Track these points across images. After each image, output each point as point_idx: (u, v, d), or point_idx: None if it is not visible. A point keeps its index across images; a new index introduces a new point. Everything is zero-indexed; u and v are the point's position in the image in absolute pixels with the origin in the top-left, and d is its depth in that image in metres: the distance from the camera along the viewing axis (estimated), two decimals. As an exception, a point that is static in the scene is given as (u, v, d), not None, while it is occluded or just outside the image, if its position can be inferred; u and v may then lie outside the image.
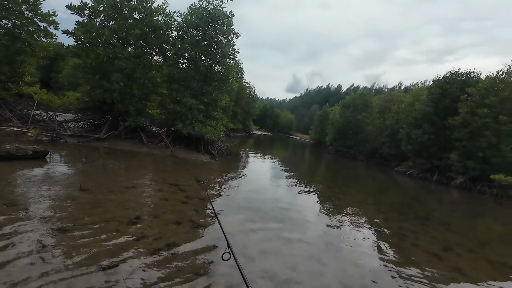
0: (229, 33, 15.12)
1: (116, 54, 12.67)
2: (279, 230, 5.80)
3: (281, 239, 5.36)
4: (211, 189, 8.22)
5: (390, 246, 5.95)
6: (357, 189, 13.81)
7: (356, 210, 8.71)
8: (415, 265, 5.12)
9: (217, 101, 15.09)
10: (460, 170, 20.73)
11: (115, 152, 11.30)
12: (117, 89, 12.68)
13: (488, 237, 8.11)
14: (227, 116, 29.82)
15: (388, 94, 38.34)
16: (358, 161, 33.12)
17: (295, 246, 5.15)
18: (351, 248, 5.46)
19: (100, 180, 7.20)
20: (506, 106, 19.25)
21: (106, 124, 13.33)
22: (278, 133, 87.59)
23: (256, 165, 15.56)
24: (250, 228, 5.63)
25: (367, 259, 5.07)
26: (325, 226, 6.65)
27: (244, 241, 5.03)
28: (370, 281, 4.27)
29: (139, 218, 5.21)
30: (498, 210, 13.84)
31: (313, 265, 4.53)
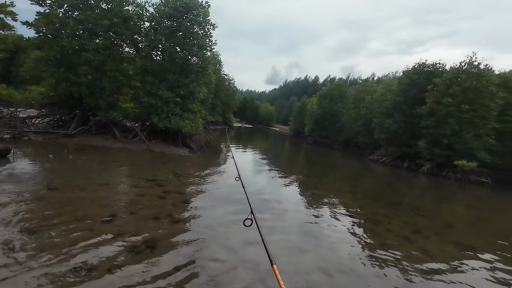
0: (206, 24, 14.72)
1: (83, 46, 11.90)
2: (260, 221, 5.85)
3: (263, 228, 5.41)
4: (190, 183, 8.09)
5: (365, 231, 6.25)
6: (334, 177, 14.28)
7: (333, 198, 9.02)
8: (388, 248, 5.42)
9: (195, 94, 14.77)
10: (427, 157, 22.07)
11: (86, 149, 10.74)
12: (85, 83, 11.95)
13: (453, 220, 8.76)
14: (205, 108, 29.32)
15: (362, 85, 39.64)
16: (335, 150, 34.16)
17: (276, 236, 5.24)
18: (329, 235, 5.66)
19: (70, 178, 6.83)
20: (468, 95, 20.63)
21: (75, 119, 12.57)
22: (258, 125, 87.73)
23: (237, 158, 15.53)
24: (231, 220, 5.64)
25: (345, 245, 5.29)
26: (304, 215, 6.82)
27: (226, 233, 5.04)
28: (347, 266, 4.46)
29: (114, 215, 5.03)
30: (461, 194, 14.98)
31: (294, 253, 4.65)
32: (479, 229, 8.01)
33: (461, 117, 20.45)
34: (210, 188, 7.83)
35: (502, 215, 10.99)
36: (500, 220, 10.00)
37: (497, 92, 20.75)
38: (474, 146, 20.30)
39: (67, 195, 5.63)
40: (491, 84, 20.74)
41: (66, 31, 12.14)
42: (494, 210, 11.74)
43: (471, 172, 20.08)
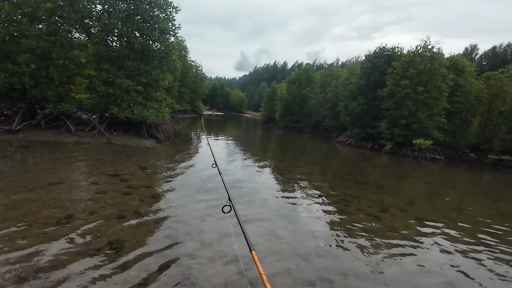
0: (167, 7, 13.69)
1: (23, 32, 10.38)
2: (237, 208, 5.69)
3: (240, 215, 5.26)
4: (159, 175, 7.62)
5: (338, 212, 6.41)
6: (305, 161, 14.56)
7: (306, 181, 9.15)
8: (360, 228, 5.61)
9: (159, 81, 13.87)
10: (388, 137, 23.54)
11: (35, 145, 9.59)
12: (27, 73, 10.53)
13: (414, 196, 9.39)
14: (172, 97, 27.96)
15: (328, 70, 40.69)
16: (305, 134, 35.02)
17: (253, 223, 5.13)
18: (304, 219, 5.69)
19: (15, 177, 6.01)
20: (422, 78, 22.12)
21: (19, 113, 11.13)
22: (230, 112, 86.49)
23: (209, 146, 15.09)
24: (205, 211, 5.39)
25: (320, 228, 5.35)
26: (279, 199, 6.80)
27: (200, 226, 4.80)
28: (324, 249, 4.50)
29: (70, 217, 4.51)
30: (419, 171, 16.21)
31: (271, 241, 4.57)
32: (436, 204, 8.68)
33: (417, 98, 21.93)
34: (181, 179, 7.45)
35: (454, 190, 12.08)
36: (453, 194, 11.00)
37: (447, 74, 22.47)
38: (428, 125, 22.03)
39: (11, 197, 4.94)
40: (442, 67, 22.40)
41: (1, 16, 10.50)
42: (447, 184, 12.89)
43: (427, 149, 21.86)
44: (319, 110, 36.48)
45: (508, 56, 51.20)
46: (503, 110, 24.20)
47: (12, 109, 11.98)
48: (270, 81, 66.83)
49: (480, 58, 56.09)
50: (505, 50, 53.71)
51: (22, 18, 10.67)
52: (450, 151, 24.40)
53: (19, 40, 10.48)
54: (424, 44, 23.20)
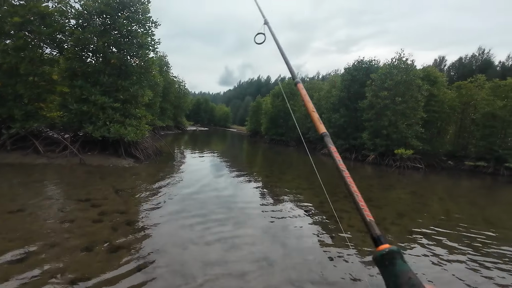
0: (146, 22, 13.40)
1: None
2: (222, 232, 5.24)
3: (225, 243, 4.81)
4: (136, 198, 7.02)
5: (329, 231, 6.07)
6: (292, 175, 14.29)
7: (295, 197, 8.82)
8: (354, 247, 5.29)
9: (138, 97, 13.33)
10: (371, 148, 23.91)
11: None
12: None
13: (402, 208, 9.24)
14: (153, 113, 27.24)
15: (310, 83, 41.66)
16: (290, 147, 35.02)
17: (241, 248, 4.68)
18: (296, 241, 5.30)
19: (-33, 210, 5.26)
20: (400, 89, 22.91)
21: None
22: (215, 126, 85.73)
23: (193, 163, 14.49)
24: (188, 237, 4.89)
25: (312, 250, 4.98)
26: (268, 219, 6.39)
27: (182, 255, 4.29)
28: (318, 274, 4.13)
29: (28, 252, 3.88)
30: (403, 181, 16.37)
31: (262, 267, 4.14)
32: (425, 215, 8.59)
33: (395, 108, 22.59)
34: (161, 202, 6.88)
35: (441, 199, 12.16)
36: (440, 204, 11.04)
37: (422, 85, 23.45)
38: (407, 135, 22.62)
39: (-43, 234, 4.23)
40: (417, 78, 23.38)
41: None
42: (432, 194, 13.01)
43: (408, 159, 22.34)
44: (303, 123, 36.86)
45: (473, 66, 54.97)
46: (475, 118, 25.45)
47: (-27, 130, 10.97)
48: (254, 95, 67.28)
49: (449, 68, 59.86)
50: (470, 60, 57.76)
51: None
52: (429, 159, 25.10)
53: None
54: (399, 57, 24.24)
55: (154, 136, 17.86)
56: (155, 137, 17.75)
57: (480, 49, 57.57)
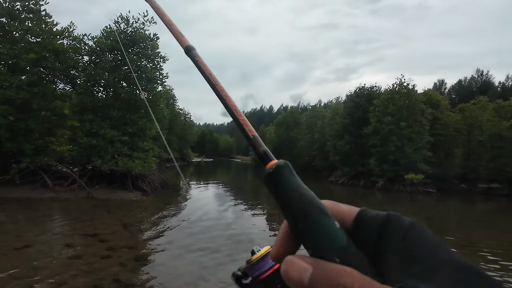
0: (155, 57, 14.12)
1: (2, 83, 10.16)
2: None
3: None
4: (144, 232, 6.80)
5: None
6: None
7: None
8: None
9: (145, 130, 13.56)
10: (379, 174, 23.44)
11: (5, 203, 8.62)
12: (4, 125, 10.00)
13: None
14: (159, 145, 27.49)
15: (312, 111, 42.27)
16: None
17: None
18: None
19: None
20: (403, 113, 23.04)
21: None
22: (219, 157, 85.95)
23: (199, 195, 14.27)
24: (200, 274, 4.62)
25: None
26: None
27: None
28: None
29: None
30: (416, 207, 15.82)
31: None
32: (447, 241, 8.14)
33: (401, 133, 22.52)
34: (169, 236, 6.64)
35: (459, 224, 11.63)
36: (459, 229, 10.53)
37: (426, 109, 23.61)
38: (416, 159, 22.27)
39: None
40: (420, 102, 23.64)
41: None
42: (449, 219, 12.48)
43: (419, 184, 21.75)
44: (308, 151, 36.80)
45: (474, 88, 55.71)
46: (482, 139, 25.17)
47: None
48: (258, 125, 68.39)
49: (449, 91, 60.69)
50: (470, 83, 58.64)
51: (2, 69, 10.51)
52: (440, 183, 24.42)
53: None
54: (400, 82, 24.77)
55: (160, 169, 17.85)
56: (161, 169, 17.74)
57: (479, 71, 58.68)
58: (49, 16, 11.92)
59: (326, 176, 30.18)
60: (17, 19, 11.15)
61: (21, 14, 11.28)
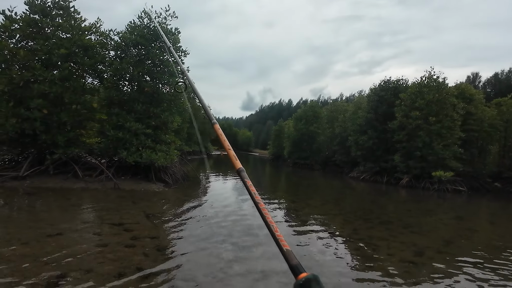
0: (176, 51, 14.32)
1: (37, 78, 10.81)
2: (251, 261, 5.01)
3: (255, 273, 4.56)
4: (166, 223, 7.03)
5: (367, 260, 5.58)
6: (320, 200, 13.73)
7: (325, 223, 8.35)
8: (396, 278, 4.77)
9: (167, 124, 13.94)
10: (404, 170, 22.47)
11: (40, 192, 9.29)
12: (38, 118, 10.69)
13: (449, 235, 8.38)
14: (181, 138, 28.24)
15: (333, 105, 41.13)
16: (315, 170, 34.09)
17: (272, 280, 4.39)
18: (331, 273, 4.90)
19: (11, 228, 5.57)
20: (432, 108, 21.77)
21: (28, 159, 11.08)
22: (238, 151, 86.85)
23: (218, 188, 14.53)
24: (219, 267, 4.71)
25: (351, 282, 4.55)
26: (298, 248, 6.03)
27: (212, 284, 4.11)
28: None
29: (63, 276, 3.92)
30: (444, 205, 15.03)
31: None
32: (478, 242, 7.68)
33: (429, 129, 21.34)
34: (190, 227, 6.83)
35: (492, 224, 10.94)
36: (492, 230, 9.89)
37: (458, 103, 22.15)
38: (445, 156, 21.07)
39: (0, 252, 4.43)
40: (451, 96, 22.19)
41: (16, 62, 11.08)
42: (481, 218, 11.76)
43: (448, 181, 20.61)
44: (328, 146, 36.00)
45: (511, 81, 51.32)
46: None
47: (22, 155, 11.99)
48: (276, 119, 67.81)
49: (484, 85, 56.30)
50: (507, 76, 53.89)
51: (37, 64, 11.17)
52: (471, 181, 22.97)
53: (32, 85, 10.79)
54: (429, 75, 23.35)
55: (181, 161, 18.33)
56: (182, 161, 18.20)
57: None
58: (78, 13, 12.44)
59: (347, 172, 29.46)
60: (49, 16, 11.71)
61: (52, 10, 11.84)
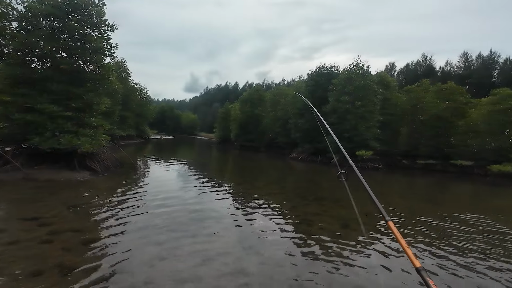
0: (101, 25, 12.54)
1: None
2: (194, 246, 4.90)
3: (197, 256, 4.48)
4: (93, 215, 6.32)
5: (302, 235, 6.02)
6: (264, 181, 14.27)
7: (267, 203, 8.72)
8: (327, 249, 5.27)
9: (93, 106, 12.34)
10: (335, 150, 24.78)
11: None
12: None
13: (368, 209, 9.43)
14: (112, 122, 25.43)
15: (277, 89, 42.47)
16: (261, 152, 35.15)
17: (215, 261, 4.39)
18: (271, 248, 5.14)
19: None
20: (359, 93, 24.34)
21: None
22: (181, 135, 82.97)
23: (159, 174, 13.67)
24: (156, 253, 4.47)
25: (288, 256, 4.85)
26: (241, 227, 6.17)
27: (149, 273, 3.89)
28: (294, 280, 4.02)
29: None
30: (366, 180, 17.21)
31: (238, 280, 3.91)
32: (391, 213, 9.04)
33: (356, 112, 23.92)
34: (123, 217, 6.26)
35: (402, 198, 12.90)
36: (402, 202, 11.75)
37: (378, 90, 25.20)
38: (367, 137, 24.04)
39: None
40: (373, 83, 25.08)
41: None
42: (394, 193, 13.83)
43: (368, 160, 23.66)
44: (272, 128, 37.36)
45: (418, 71, 61.08)
46: (423, 119, 27.96)
47: None
48: (223, 102, 66.56)
49: (398, 74, 65.79)
50: (415, 66, 64.37)
51: None
52: (387, 159, 26.88)
53: None
54: (356, 63, 25.86)
55: (113, 147, 16.64)
56: (114, 147, 16.54)
57: (424, 55, 64.51)
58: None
59: (288, 152, 31.20)
60: None
61: None
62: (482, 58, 54.92)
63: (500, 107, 22.86)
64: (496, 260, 5.17)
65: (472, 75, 52.63)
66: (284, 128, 32.82)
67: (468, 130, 25.12)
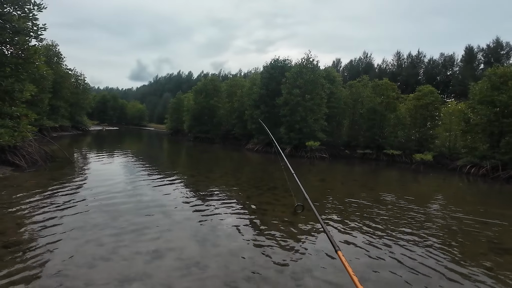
0: (25, 3, 10.65)
1: None
2: (143, 242, 4.57)
3: (147, 254, 4.18)
4: (15, 216, 5.39)
5: (257, 225, 6.11)
6: (219, 172, 14.07)
7: (222, 195, 8.62)
8: (278, 237, 5.41)
9: (14, 93, 10.58)
10: (287, 141, 25.91)
11: None
12: None
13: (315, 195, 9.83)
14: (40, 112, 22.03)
15: (233, 80, 41.93)
16: (216, 144, 34.55)
17: (168, 257, 4.15)
18: (226, 239, 5.09)
19: None
20: (309, 87, 25.54)
21: None
22: (127, 126, 76.39)
23: (100, 168, 12.36)
24: (97, 253, 4.04)
25: (243, 247, 4.87)
26: (196, 221, 5.97)
27: (90, 274, 3.49)
28: (250, 270, 4.03)
29: None
30: (313, 170, 18.33)
31: (193, 274, 3.77)
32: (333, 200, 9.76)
33: (305, 105, 25.11)
34: (55, 217, 5.46)
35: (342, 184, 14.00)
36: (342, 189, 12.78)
37: (325, 84, 26.76)
38: (315, 128, 25.53)
39: None
40: (321, 77, 26.54)
41: None
42: (336, 180, 14.99)
43: (316, 150, 25.20)
44: (228, 119, 36.91)
45: (360, 68, 66.95)
46: (362, 112, 30.71)
47: None
48: (174, 92, 62.96)
49: (343, 69, 71.19)
50: (357, 63, 70.68)
51: None
52: (332, 149, 28.95)
53: None
54: (307, 57, 26.99)
55: (43, 139, 14.54)
56: (43, 140, 14.47)
57: (365, 53, 71.05)
58: None
59: (244, 144, 31.32)
60: None
61: None
62: (411, 57, 62.40)
63: (422, 102, 26.37)
64: (409, 234, 6.00)
65: (403, 72, 59.62)
66: (240, 120, 32.78)
67: (398, 123, 28.42)
